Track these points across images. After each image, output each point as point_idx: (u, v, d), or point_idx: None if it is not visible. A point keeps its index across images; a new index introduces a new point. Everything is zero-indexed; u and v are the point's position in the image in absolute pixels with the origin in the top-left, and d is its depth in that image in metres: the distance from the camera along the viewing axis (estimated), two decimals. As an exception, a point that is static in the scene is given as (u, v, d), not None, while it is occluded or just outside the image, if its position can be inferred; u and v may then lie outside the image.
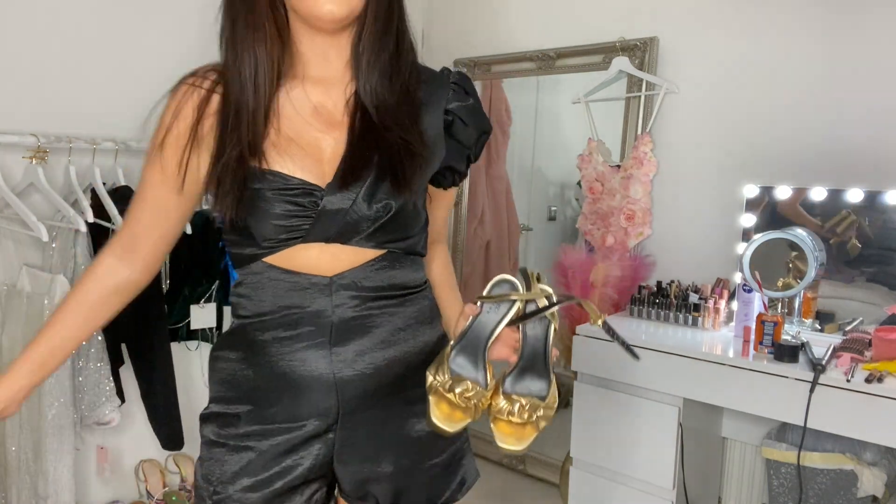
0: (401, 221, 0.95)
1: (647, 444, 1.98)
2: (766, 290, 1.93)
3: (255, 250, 0.94)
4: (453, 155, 1.03)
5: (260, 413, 0.96)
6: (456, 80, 1.04)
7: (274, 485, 0.95)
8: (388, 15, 0.95)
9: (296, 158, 0.92)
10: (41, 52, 2.03)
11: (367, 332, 0.95)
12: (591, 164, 2.58)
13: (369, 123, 0.94)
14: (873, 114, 2.02)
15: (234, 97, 0.93)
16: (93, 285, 1.00)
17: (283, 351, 0.94)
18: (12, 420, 1.88)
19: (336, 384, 0.94)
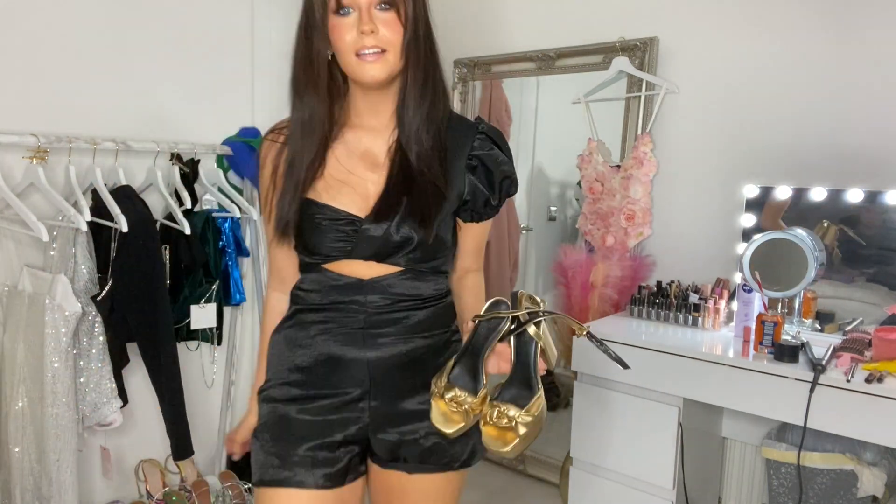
0: (424, 248, 1.16)
1: (647, 444, 1.98)
2: (766, 290, 1.93)
3: (316, 260, 1.18)
4: (472, 194, 1.20)
5: (307, 381, 1.19)
6: (484, 130, 1.22)
7: (322, 438, 1.16)
8: (426, 73, 1.15)
9: (344, 194, 1.16)
10: (41, 52, 2.03)
11: (391, 325, 1.16)
12: (591, 164, 2.58)
13: (406, 167, 1.16)
14: (874, 114, 2.03)
15: (296, 152, 1.17)
16: (273, 316, 1.27)
17: (326, 334, 1.17)
18: (15, 422, 1.88)
19: (367, 362, 1.16)
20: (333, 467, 1.16)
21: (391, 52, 1.10)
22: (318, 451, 1.15)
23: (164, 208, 2.19)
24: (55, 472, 1.87)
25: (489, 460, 2.95)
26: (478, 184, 1.20)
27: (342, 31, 1.10)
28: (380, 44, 1.09)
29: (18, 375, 1.88)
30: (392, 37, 1.10)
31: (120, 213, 1.90)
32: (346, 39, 1.09)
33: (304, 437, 1.16)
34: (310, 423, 1.16)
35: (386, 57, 1.10)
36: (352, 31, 1.09)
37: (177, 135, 2.31)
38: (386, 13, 1.09)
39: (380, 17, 1.09)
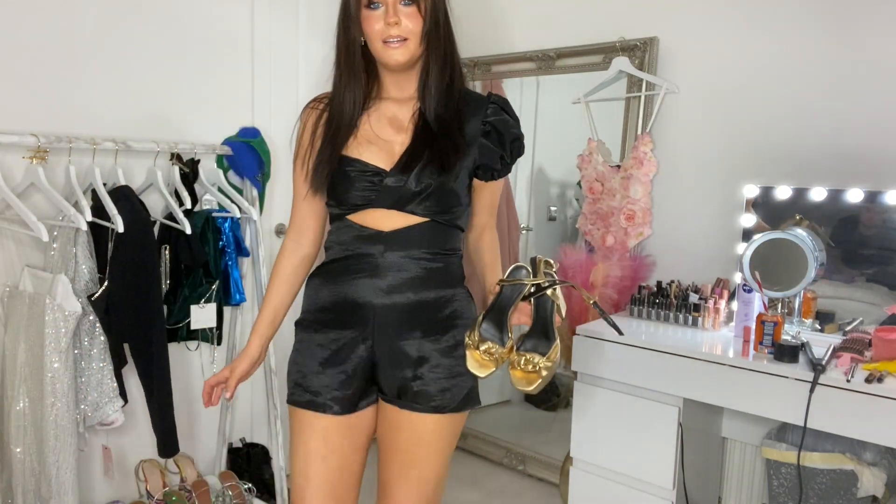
0: (441, 198, 1.33)
1: (647, 444, 1.98)
2: (765, 290, 1.93)
3: (343, 211, 1.36)
4: (487, 154, 1.38)
5: (328, 319, 1.38)
6: (495, 101, 1.42)
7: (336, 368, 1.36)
8: (444, 57, 1.35)
9: (373, 151, 1.35)
10: (41, 52, 2.03)
11: (401, 273, 1.33)
12: (591, 164, 2.58)
13: (427, 129, 1.35)
14: (874, 114, 2.03)
15: (336, 117, 1.38)
16: (284, 262, 1.45)
17: (345, 278, 1.36)
18: (17, 422, 1.88)
19: (374, 308, 1.34)
20: (344, 395, 1.36)
21: (412, 40, 1.30)
22: (333, 381, 1.36)
23: (165, 208, 2.19)
24: (55, 472, 1.87)
25: (489, 460, 2.95)
26: (491, 145, 1.38)
27: (371, 22, 1.30)
28: (402, 33, 1.28)
29: (20, 375, 1.88)
30: (413, 27, 1.29)
31: (116, 214, 1.90)
32: (375, 29, 1.29)
33: (322, 367, 1.36)
34: (327, 355, 1.37)
35: (407, 44, 1.30)
36: (380, 22, 1.29)
37: (177, 135, 2.31)
38: (408, 7, 1.29)
39: (403, 10, 1.28)
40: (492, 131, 1.38)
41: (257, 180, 2.41)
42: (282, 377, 1.95)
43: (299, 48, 2.70)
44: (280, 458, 2.39)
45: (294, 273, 1.46)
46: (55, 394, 1.85)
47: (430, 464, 1.37)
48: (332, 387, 1.35)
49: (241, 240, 2.39)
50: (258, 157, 2.40)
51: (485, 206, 1.46)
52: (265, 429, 2.73)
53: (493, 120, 1.39)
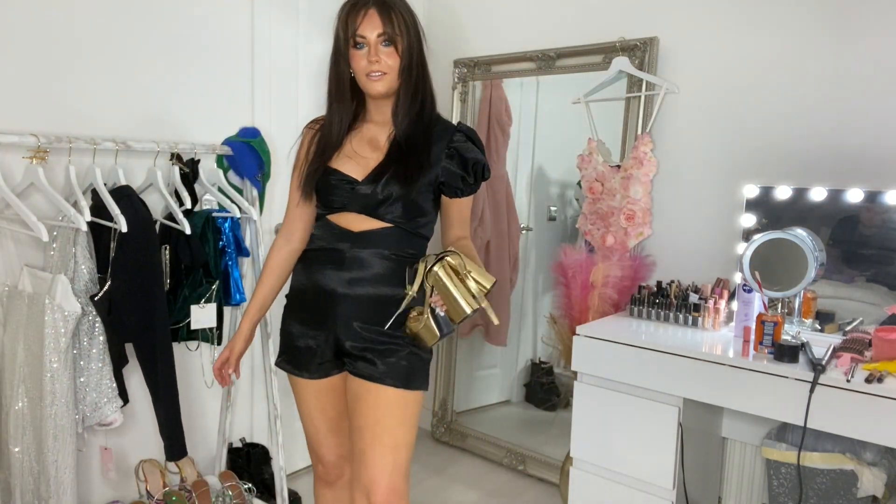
0: (405, 207, 1.57)
1: (647, 444, 1.98)
2: (765, 290, 1.93)
3: (325, 212, 1.64)
4: (450, 175, 1.60)
5: (304, 302, 1.67)
6: (462, 130, 1.64)
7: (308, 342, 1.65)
8: (416, 89, 1.59)
9: (351, 165, 1.61)
10: (41, 52, 2.03)
11: (363, 268, 1.58)
12: (591, 164, 2.58)
13: (398, 149, 1.59)
14: (874, 114, 2.03)
15: (325, 137, 1.65)
16: (274, 255, 1.71)
17: (317, 267, 1.63)
18: (15, 422, 1.88)
19: (340, 296, 1.59)
20: (320, 364, 1.65)
21: (390, 74, 1.55)
22: (307, 350, 1.64)
23: (164, 208, 2.19)
24: (54, 472, 1.86)
25: (489, 460, 2.95)
26: (453, 167, 1.60)
27: (358, 59, 1.56)
28: (381, 69, 1.54)
29: (19, 375, 1.88)
30: (392, 63, 1.54)
31: (119, 213, 1.90)
32: (361, 65, 1.55)
33: (299, 338, 1.65)
34: (302, 330, 1.65)
35: (386, 77, 1.55)
36: (364, 59, 1.54)
37: (177, 135, 2.31)
38: (387, 48, 1.54)
39: (383, 50, 1.53)
40: (455, 155, 1.60)
41: (257, 180, 2.41)
42: (282, 376, 1.95)
43: (299, 48, 2.70)
44: (280, 458, 2.39)
45: (282, 266, 1.71)
46: (54, 394, 1.85)
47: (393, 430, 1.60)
48: (307, 357, 1.64)
49: (241, 240, 2.39)
50: (258, 157, 2.39)
51: (455, 221, 1.69)
52: (265, 429, 2.73)
53: (456, 146, 1.60)
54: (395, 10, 1.55)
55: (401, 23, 1.54)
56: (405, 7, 1.58)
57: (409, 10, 1.58)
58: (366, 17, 1.53)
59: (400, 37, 1.54)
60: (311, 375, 1.66)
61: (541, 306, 3.05)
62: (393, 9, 1.55)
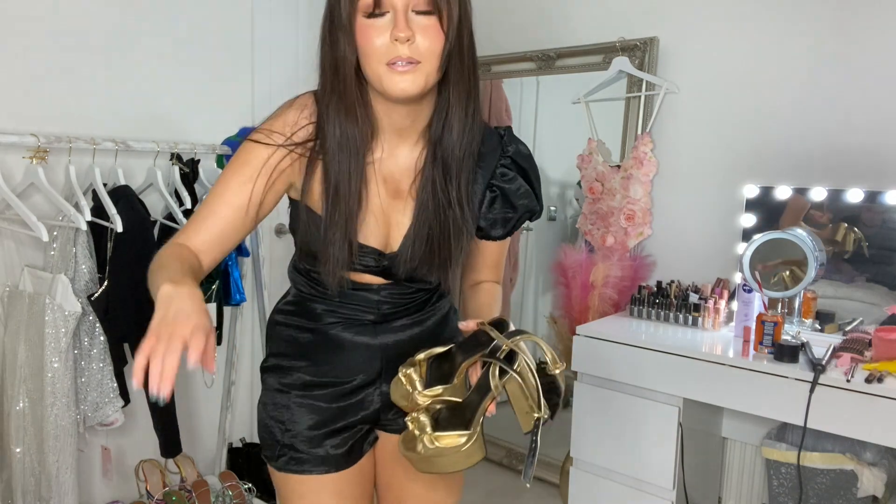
0: (441, 277, 1.16)
1: (647, 444, 1.98)
2: (765, 290, 1.93)
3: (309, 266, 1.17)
4: (489, 220, 1.16)
5: (316, 368, 1.19)
6: (510, 154, 1.15)
7: (335, 424, 1.18)
8: (469, 91, 1.05)
9: (369, 224, 1.09)
10: (41, 52, 2.03)
11: (403, 312, 1.18)
12: (591, 164, 2.58)
13: (433, 203, 1.08)
14: (873, 114, 2.03)
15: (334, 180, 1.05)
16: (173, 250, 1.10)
17: (337, 323, 1.17)
18: (16, 422, 1.88)
19: (380, 347, 1.17)
20: (346, 448, 1.20)
21: (428, 64, 0.97)
22: (331, 437, 1.19)
23: (164, 208, 2.19)
24: (55, 473, 1.86)
25: (489, 460, 2.95)
26: (495, 214, 1.15)
27: (372, 35, 0.96)
28: (415, 54, 0.96)
29: (19, 376, 1.88)
30: (431, 46, 0.97)
31: (116, 214, 1.90)
32: (377, 44, 0.96)
33: (317, 424, 1.18)
34: (322, 409, 1.19)
35: (421, 69, 0.97)
36: (384, 36, 0.96)
37: (177, 135, 2.31)
38: (426, 18, 0.96)
39: (418, 22, 0.96)
40: (498, 197, 1.15)
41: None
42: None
43: (299, 48, 2.70)
44: (280, 458, 2.39)
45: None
46: (55, 394, 1.85)
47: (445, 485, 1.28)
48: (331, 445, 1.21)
49: (241, 240, 2.39)
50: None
51: (485, 264, 1.24)
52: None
53: (501, 185, 1.14)
54: None
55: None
56: None
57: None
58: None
59: (448, 3, 0.97)
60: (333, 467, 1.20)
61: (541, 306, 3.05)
62: None
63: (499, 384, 0.97)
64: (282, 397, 1.21)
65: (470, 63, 1.03)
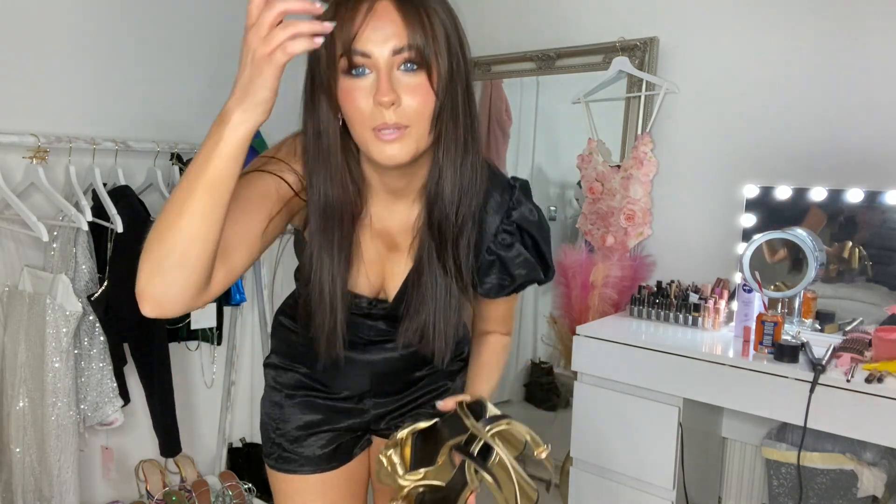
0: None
1: (647, 444, 1.98)
2: (765, 290, 1.93)
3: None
4: (486, 287, 1.11)
5: (310, 373, 1.20)
6: (516, 220, 1.07)
7: (322, 426, 1.20)
8: (465, 144, 0.95)
9: (361, 273, 1.06)
10: (41, 52, 2.03)
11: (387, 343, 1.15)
12: (591, 164, 2.58)
13: (430, 261, 1.02)
14: (874, 114, 2.03)
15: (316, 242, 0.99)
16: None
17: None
18: (17, 422, 1.88)
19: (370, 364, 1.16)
20: (332, 448, 1.21)
21: (417, 127, 0.88)
22: (317, 437, 1.20)
23: (165, 208, 2.19)
24: (56, 472, 1.87)
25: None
26: (493, 283, 1.10)
27: (355, 97, 0.87)
28: (402, 119, 0.87)
29: (20, 375, 1.88)
30: (420, 108, 0.88)
31: (116, 214, 1.90)
32: (361, 107, 0.87)
33: (306, 424, 1.20)
34: (312, 410, 1.20)
35: (410, 133, 0.88)
36: (367, 98, 0.86)
37: (177, 135, 2.31)
38: (412, 76, 0.87)
39: (404, 82, 0.86)
40: (496, 262, 1.09)
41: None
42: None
43: (299, 48, 2.70)
44: (280, 458, 2.39)
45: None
46: (56, 394, 1.85)
47: None
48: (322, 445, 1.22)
49: (241, 240, 2.39)
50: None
51: (492, 316, 1.20)
52: (265, 429, 2.73)
53: (502, 255, 1.08)
54: (427, 2, 0.88)
55: (437, 25, 0.88)
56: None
57: (445, 3, 0.93)
58: (372, 15, 0.85)
59: (437, 53, 0.87)
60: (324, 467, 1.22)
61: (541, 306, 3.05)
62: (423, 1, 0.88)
63: (475, 478, 0.94)
64: (276, 395, 1.23)
65: (466, 121, 0.93)
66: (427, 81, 0.87)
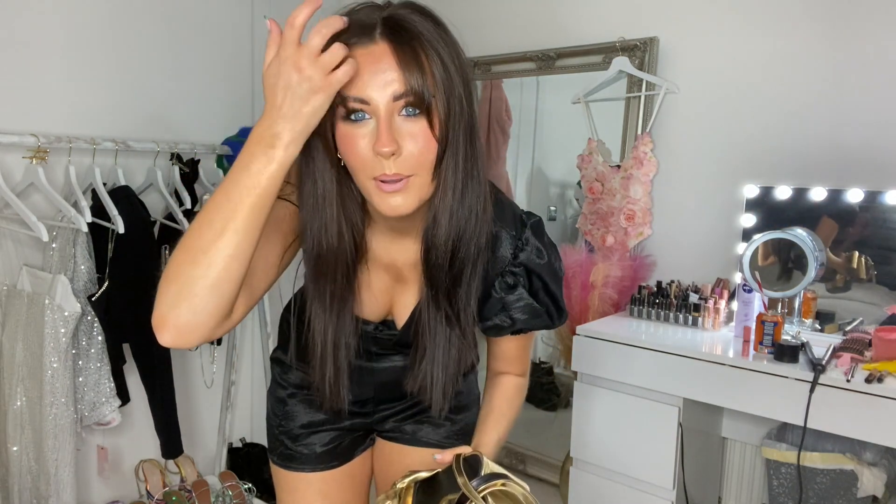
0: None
1: (647, 444, 1.98)
2: (765, 290, 1.93)
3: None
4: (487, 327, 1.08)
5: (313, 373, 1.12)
6: (523, 262, 1.03)
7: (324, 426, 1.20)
8: (463, 188, 0.89)
9: (365, 302, 1.04)
10: (41, 52, 2.03)
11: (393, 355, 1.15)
12: (591, 164, 2.58)
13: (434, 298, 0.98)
14: (874, 114, 2.02)
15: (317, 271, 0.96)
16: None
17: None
18: (14, 421, 1.88)
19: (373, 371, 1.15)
20: (333, 447, 1.22)
21: (420, 176, 0.85)
22: (319, 436, 1.22)
23: (165, 208, 2.19)
24: (53, 471, 1.87)
25: (489, 460, 2.94)
26: (493, 324, 1.07)
27: (355, 144, 0.83)
28: (403, 169, 0.83)
29: (17, 375, 1.88)
30: (422, 156, 0.83)
31: (117, 214, 1.90)
32: (361, 155, 0.83)
33: (309, 423, 1.22)
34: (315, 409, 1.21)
35: (413, 183, 0.84)
36: (366, 147, 0.83)
37: (177, 135, 2.31)
38: (413, 122, 0.82)
39: (405, 128, 0.82)
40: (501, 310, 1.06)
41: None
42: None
43: (299, 48, 2.70)
44: (280, 458, 2.39)
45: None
46: (54, 393, 1.85)
47: None
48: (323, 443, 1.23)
49: (241, 240, 2.39)
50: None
51: (503, 357, 1.16)
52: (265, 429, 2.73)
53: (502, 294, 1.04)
54: (425, 41, 0.83)
55: (436, 65, 0.83)
56: (439, 31, 0.86)
57: (445, 35, 0.87)
58: (369, 59, 0.82)
59: (438, 95, 0.83)
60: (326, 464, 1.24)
61: (541, 306, 3.05)
62: (421, 38, 0.83)
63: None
64: (281, 391, 1.26)
65: (468, 164, 0.88)
66: (428, 127, 0.83)
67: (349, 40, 0.82)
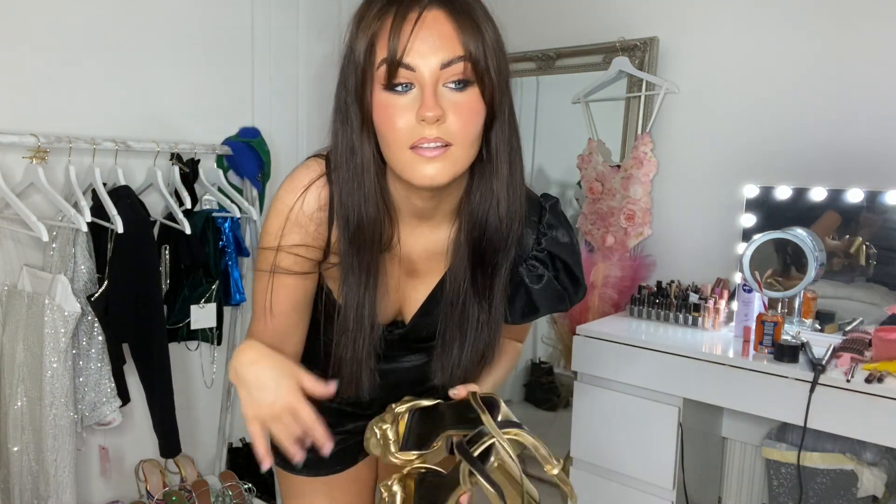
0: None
1: (647, 444, 1.98)
2: (765, 290, 1.93)
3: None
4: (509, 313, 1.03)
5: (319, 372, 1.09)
6: (546, 247, 1.00)
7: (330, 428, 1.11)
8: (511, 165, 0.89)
9: (384, 306, 1.00)
10: (41, 51, 2.03)
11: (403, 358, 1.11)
12: (591, 164, 2.58)
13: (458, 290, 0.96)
14: (874, 114, 2.02)
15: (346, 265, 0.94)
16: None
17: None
18: (14, 421, 1.88)
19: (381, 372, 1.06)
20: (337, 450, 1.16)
21: (460, 147, 0.82)
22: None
23: (164, 208, 2.19)
24: (53, 472, 1.87)
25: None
26: (516, 311, 1.02)
27: (393, 115, 0.81)
28: (445, 135, 0.80)
29: (17, 375, 1.88)
30: (465, 128, 0.81)
31: (116, 214, 1.90)
32: (399, 126, 0.81)
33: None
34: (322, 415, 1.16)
35: (452, 152, 0.82)
36: (407, 115, 0.81)
37: (177, 135, 2.31)
38: (460, 94, 0.81)
39: (450, 98, 0.81)
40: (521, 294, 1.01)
41: (257, 180, 2.41)
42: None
43: (299, 48, 2.70)
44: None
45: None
46: (54, 394, 1.85)
47: None
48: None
49: (241, 240, 2.39)
50: (258, 157, 2.39)
51: (508, 330, 1.11)
52: (265, 429, 2.73)
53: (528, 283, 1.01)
54: (479, 10, 0.83)
55: (489, 37, 0.83)
56: (484, 6, 0.86)
57: (489, 14, 0.86)
58: (421, 25, 0.79)
59: (489, 67, 0.82)
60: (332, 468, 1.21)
61: (541, 306, 3.04)
62: (475, 8, 0.83)
63: (468, 481, 0.87)
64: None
65: (514, 140, 0.89)
66: (476, 98, 0.82)
67: (389, 5, 0.81)
